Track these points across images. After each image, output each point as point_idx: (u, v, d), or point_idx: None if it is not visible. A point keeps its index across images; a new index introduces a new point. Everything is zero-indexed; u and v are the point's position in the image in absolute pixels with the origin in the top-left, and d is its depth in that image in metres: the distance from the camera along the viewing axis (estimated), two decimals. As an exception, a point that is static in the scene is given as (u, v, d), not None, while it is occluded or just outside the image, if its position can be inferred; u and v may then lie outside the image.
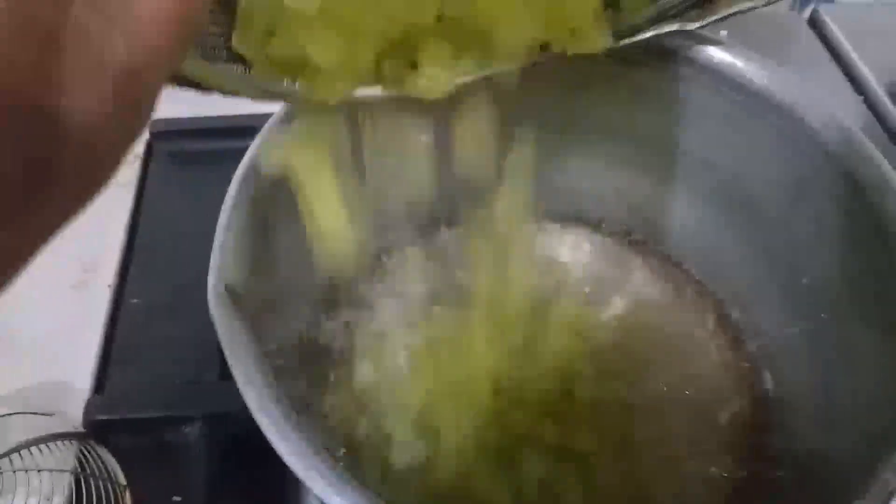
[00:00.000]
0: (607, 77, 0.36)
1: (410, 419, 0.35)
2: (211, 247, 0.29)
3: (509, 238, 0.39)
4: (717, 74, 0.34)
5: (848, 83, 0.59)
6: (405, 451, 0.33)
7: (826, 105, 0.32)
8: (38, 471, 0.34)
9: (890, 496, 0.22)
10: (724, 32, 0.38)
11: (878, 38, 0.61)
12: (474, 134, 0.31)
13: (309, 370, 0.35)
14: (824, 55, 0.61)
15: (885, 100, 0.57)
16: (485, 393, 0.36)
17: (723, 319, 0.39)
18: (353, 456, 0.34)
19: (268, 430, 0.23)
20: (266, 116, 0.32)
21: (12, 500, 0.34)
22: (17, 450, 0.34)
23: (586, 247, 0.41)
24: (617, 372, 0.37)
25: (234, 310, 0.25)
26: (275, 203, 0.30)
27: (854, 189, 0.30)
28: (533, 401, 0.35)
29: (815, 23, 0.63)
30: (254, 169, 0.30)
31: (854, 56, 0.60)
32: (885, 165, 0.30)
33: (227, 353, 0.24)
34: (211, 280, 0.26)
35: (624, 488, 0.33)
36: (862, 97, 0.58)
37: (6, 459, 0.34)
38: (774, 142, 0.33)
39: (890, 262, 0.29)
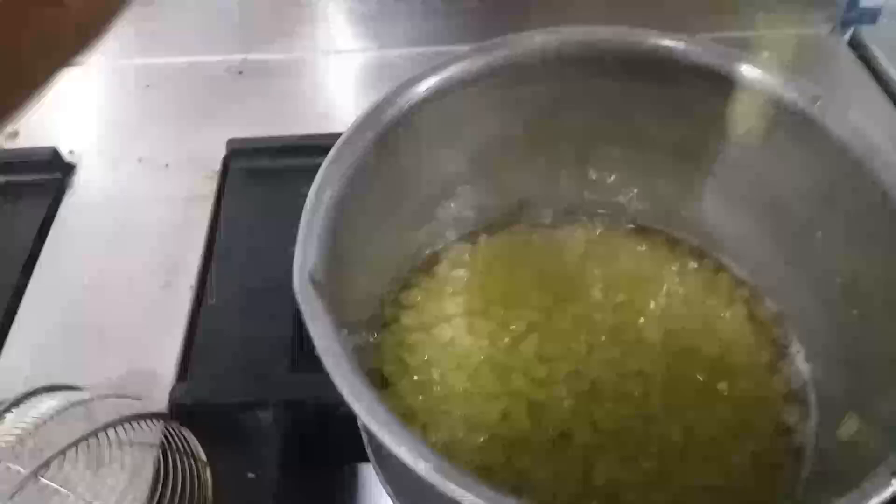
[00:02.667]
0: (652, 96, 0.40)
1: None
2: (280, 254, 0.31)
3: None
4: (750, 90, 0.36)
5: (889, 102, 0.61)
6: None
7: (853, 117, 0.34)
8: (130, 445, 0.38)
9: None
10: (765, 54, 0.41)
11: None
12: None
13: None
14: (865, 76, 0.63)
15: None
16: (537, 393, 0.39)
17: (759, 319, 0.41)
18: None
19: (347, 396, 0.26)
20: (334, 136, 0.35)
21: (104, 476, 0.38)
22: (109, 426, 0.37)
23: (630, 249, 0.44)
24: (664, 371, 0.39)
25: (316, 293, 0.28)
26: (343, 211, 0.33)
27: (879, 194, 0.33)
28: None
29: (855, 44, 0.65)
30: (328, 177, 0.34)
31: (894, 75, 0.62)
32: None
33: (310, 329, 0.28)
34: (296, 269, 0.29)
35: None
36: (903, 116, 0.59)
37: (102, 434, 0.37)
38: (804, 151, 0.36)
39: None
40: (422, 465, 0.24)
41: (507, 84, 0.38)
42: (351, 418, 0.38)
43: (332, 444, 0.44)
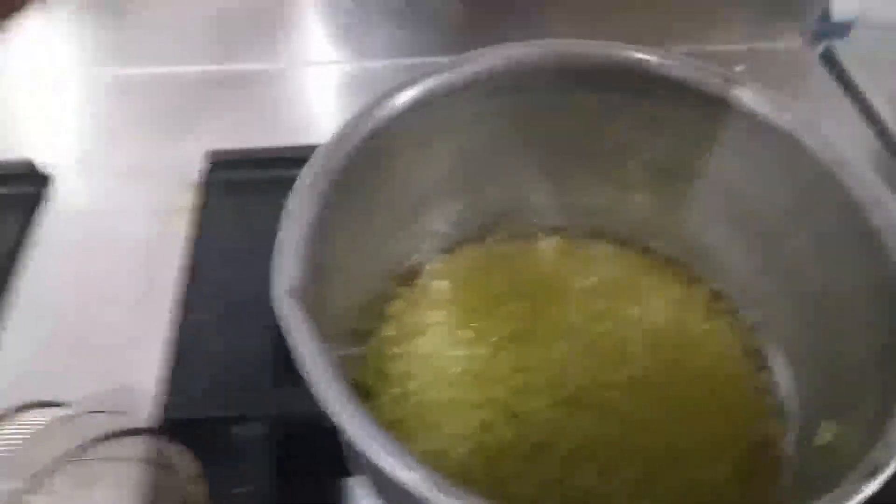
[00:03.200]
0: (629, 110, 0.40)
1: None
2: (262, 266, 0.31)
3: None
4: (724, 104, 0.37)
5: (860, 116, 0.62)
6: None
7: (823, 130, 0.35)
8: (118, 461, 0.38)
9: (875, 472, 0.25)
10: (739, 68, 0.42)
11: (889, 72, 0.65)
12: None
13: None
14: (837, 90, 0.64)
15: (897, 131, 0.60)
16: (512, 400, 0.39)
17: (737, 330, 0.42)
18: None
19: (330, 408, 0.26)
20: (314, 148, 0.35)
21: (91, 494, 0.38)
22: (97, 441, 0.36)
23: (608, 260, 0.45)
24: (644, 381, 0.40)
25: (296, 306, 0.28)
26: (322, 222, 0.34)
27: (849, 206, 0.34)
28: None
29: (827, 58, 0.66)
30: (306, 188, 0.34)
31: (866, 90, 0.63)
32: (876, 181, 0.33)
33: (291, 341, 0.28)
34: (274, 282, 0.30)
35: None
36: (874, 129, 0.61)
37: (89, 450, 0.37)
38: (776, 163, 0.37)
39: (882, 272, 0.32)
40: (407, 475, 0.24)
41: (486, 96, 0.39)
42: (335, 432, 0.39)
43: (321, 459, 0.44)
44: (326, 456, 0.39)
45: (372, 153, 0.36)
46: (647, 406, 0.39)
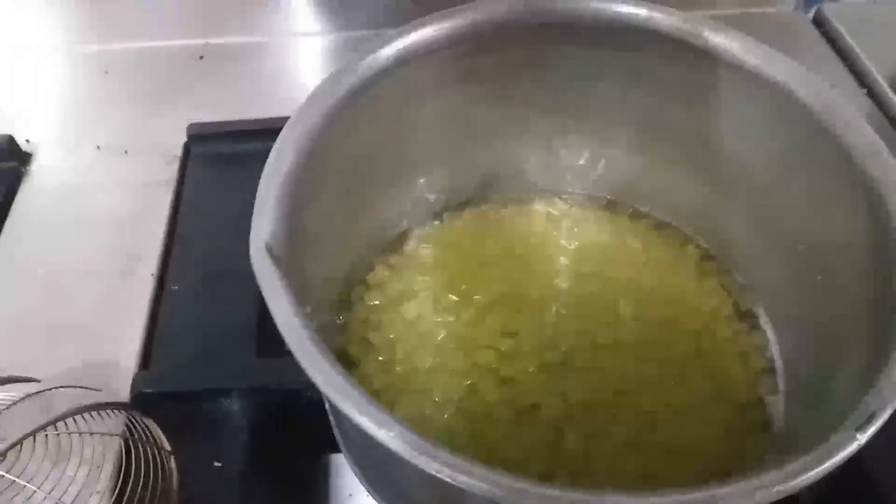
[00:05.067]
0: (617, 65, 0.39)
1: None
2: (244, 239, 0.30)
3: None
4: (714, 57, 0.36)
5: (852, 78, 0.61)
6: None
7: (814, 79, 0.34)
8: (91, 434, 0.37)
9: (870, 419, 0.24)
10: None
11: (880, 34, 0.64)
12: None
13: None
14: (829, 52, 0.63)
15: (889, 91, 0.59)
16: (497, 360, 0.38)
17: (728, 290, 0.41)
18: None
19: (305, 365, 0.25)
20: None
21: (65, 468, 0.37)
22: (68, 415, 0.36)
23: (598, 224, 0.44)
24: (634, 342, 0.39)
25: (272, 262, 0.27)
26: (303, 182, 0.32)
27: (841, 154, 0.33)
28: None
29: (819, 21, 0.65)
30: (284, 151, 0.33)
31: (858, 51, 0.62)
32: (868, 129, 0.32)
33: (267, 298, 0.27)
34: (252, 237, 0.29)
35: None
36: (865, 90, 0.60)
37: (61, 424, 0.36)
38: (769, 116, 0.36)
39: (875, 220, 0.31)
40: (383, 433, 0.23)
41: (471, 52, 0.38)
42: (320, 405, 0.38)
43: (301, 433, 0.43)
44: (314, 431, 0.39)
45: (354, 110, 0.35)
46: (637, 367, 0.38)
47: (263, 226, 0.29)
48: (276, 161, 0.31)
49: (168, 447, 0.39)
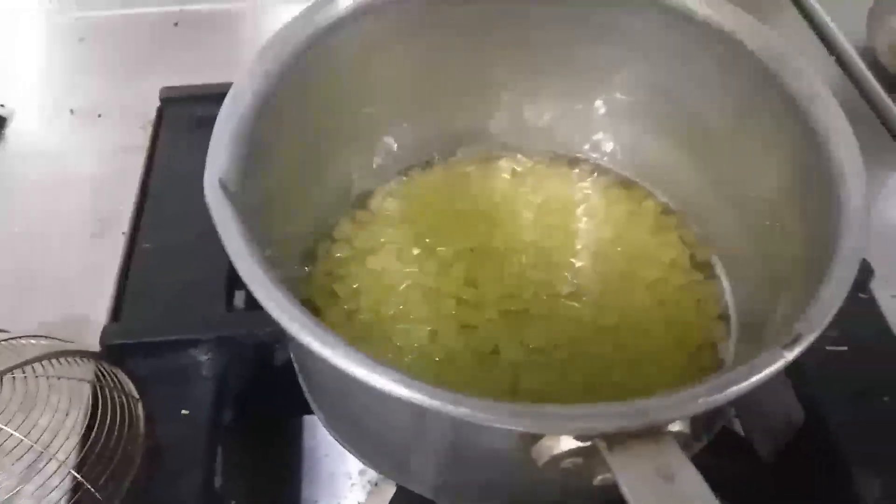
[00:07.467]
0: (577, 19, 0.40)
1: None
2: None
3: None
4: (665, 8, 0.37)
5: (822, 45, 0.62)
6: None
7: (764, 30, 0.35)
8: (59, 378, 0.37)
9: (797, 340, 0.25)
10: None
11: (854, 7, 0.64)
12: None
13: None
14: (800, 20, 0.64)
15: (857, 59, 0.60)
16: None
17: (686, 242, 0.42)
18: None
19: (256, 292, 0.26)
20: None
21: (36, 414, 0.37)
22: (39, 359, 0.36)
23: (561, 179, 0.45)
24: (594, 291, 0.40)
25: (224, 195, 0.28)
26: (260, 128, 0.33)
27: (787, 101, 0.33)
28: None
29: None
30: (243, 91, 0.33)
31: (827, 19, 0.63)
32: (813, 76, 0.33)
33: (220, 231, 0.28)
34: (207, 175, 0.29)
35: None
36: (834, 57, 0.61)
37: (29, 368, 0.37)
38: (719, 67, 0.36)
39: (815, 162, 0.32)
40: (329, 352, 0.24)
41: (431, 4, 0.38)
42: (290, 365, 0.38)
43: (274, 395, 0.44)
44: (286, 392, 0.39)
45: (313, 60, 0.35)
46: (595, 316, 0.39)
47: (217, 162, 0.29)
48: (231, 103, 0.32)
49: (136, 394, 0.40)
